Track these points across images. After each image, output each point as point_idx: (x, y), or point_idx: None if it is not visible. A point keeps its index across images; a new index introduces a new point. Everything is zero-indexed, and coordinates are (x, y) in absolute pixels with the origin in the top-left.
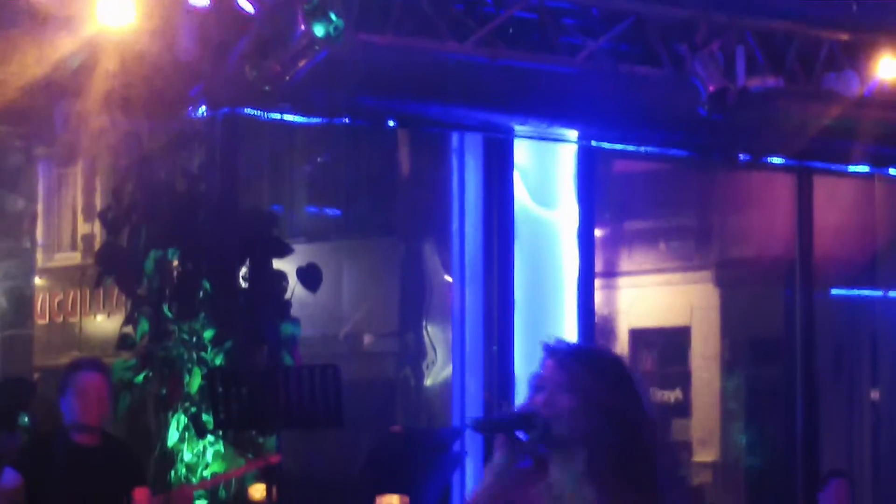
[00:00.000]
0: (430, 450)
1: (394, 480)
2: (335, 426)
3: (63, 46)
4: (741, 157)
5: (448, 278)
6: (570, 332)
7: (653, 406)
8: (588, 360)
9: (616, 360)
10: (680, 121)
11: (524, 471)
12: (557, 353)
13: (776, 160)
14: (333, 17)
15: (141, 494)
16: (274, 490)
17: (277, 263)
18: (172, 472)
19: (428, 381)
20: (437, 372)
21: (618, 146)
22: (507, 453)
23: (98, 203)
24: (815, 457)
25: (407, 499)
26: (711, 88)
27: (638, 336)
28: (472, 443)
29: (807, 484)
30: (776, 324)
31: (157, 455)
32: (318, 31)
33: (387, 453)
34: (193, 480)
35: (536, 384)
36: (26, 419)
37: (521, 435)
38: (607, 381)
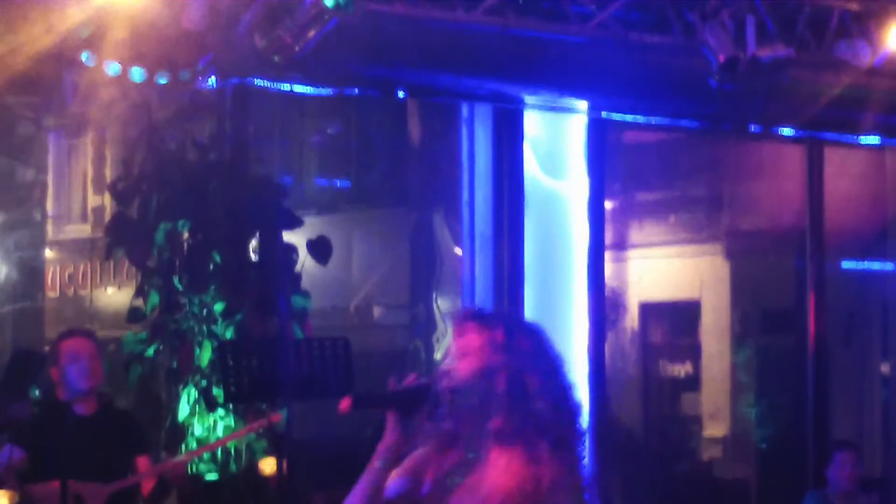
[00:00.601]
0: None
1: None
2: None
3: (72, 16)
4: (751, 127)
5: (458, 250)
6: (579, 304)
7: (567, 379)
8: (499, 326)
9: (531, 328)
10: (690, 90)
11: (433, 440)
12: (466, 318)
13: (787, 131)
14: None
15: (143, 463)
16: (284, 463)
17: (287, 235)
18: (183, 446)
19: (438, 354)
20: (447, 344)
21: (628, 117)
22: (399, 430)
23: (108, 174)
24: (826, 429)
25: None
26: (722, 58)
27: (648, 309)
28: None
29: (817, 456)
30: (787, 295)
31: (168, 428)
32: (328, 0)
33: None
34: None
35: (445, 353)
36: (37, 391)
37: (413, 408)
38: (518, 347)
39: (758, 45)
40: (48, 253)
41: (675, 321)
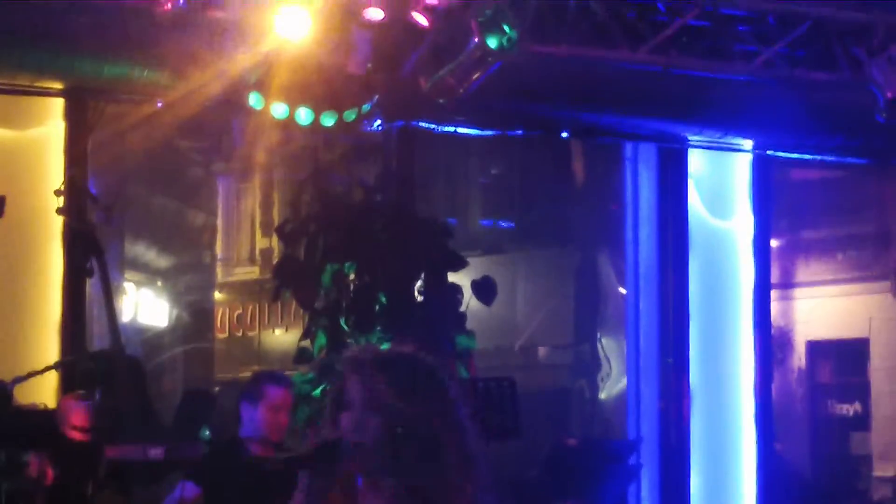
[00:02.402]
0: (605, 461)
1: (569, 491)
2: (512, 437)
3: (241, 61)
4: None
5: (622, 289)
6: (745, 342)
7: (470, 417)
8: (393, 372)
9: (428, 369)
10: (857, 127)
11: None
12: (361, 365)
13: None
14: (507, 28)
15: None
16: None
17: (452, 276)
18: None
19: (603, 394)
20: (612, 384)
21: (794, 154)
22: (313, 489)
23: (276, 217)
24: None
25: None
26: (889, 95)
27: (815, 347)
28: (648, 455)
29: None
30: None
31: None
32: (492, 42)
33: (562, 464)
34: None
35: (340, 402)
36: (207, 432)
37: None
38: (412, 395)
39: None
40: (217, 295)
41: (843, 359)
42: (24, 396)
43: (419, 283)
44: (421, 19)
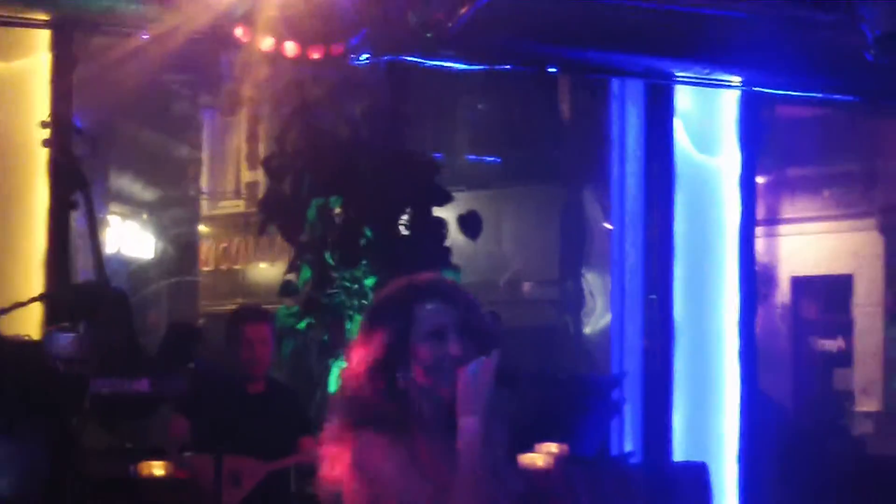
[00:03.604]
0: (589, 396)
1: (553, 427)
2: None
3: None
4: None
5: (608, 226)
6: (730, 279)
7: None
8: None
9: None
10: (845, 65)
11: None
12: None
13: None
14: None
15: (307, 443)
16: None
17: (438, 211)
18: None
19: (587, 329)
20: (597, 320)
21: (781, 92)
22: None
23: (262, 151)
24: None
25: (566, 446)
26: (878, 32)
27: (799, 284)
28: (631, 391)
29: None
30: None
31: (319, 400)
32: None
33: (546, 400)
34: None
35: None
36: (192, 365)
37: None
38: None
39: None
40: (202, 228)
41: (827, 296)
42: (8, 328)
43: (405, 217)
44: None
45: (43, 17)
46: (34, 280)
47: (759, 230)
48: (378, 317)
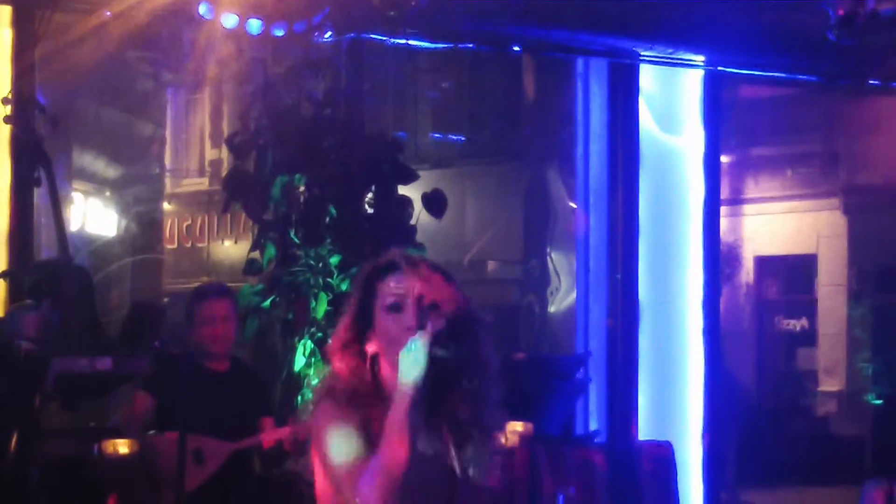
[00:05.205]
0: (553, 376)
1: (517, 407)
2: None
3: None
4: (870, 82)
5: (572, 205)
6: (694, 258)
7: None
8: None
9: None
10: (808, 45)
11: None
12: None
13: None
14: None
15: (268, 424)
16: None
17: (402, 190)
18: (299, 397)
19: (552, 308)
20: (561, 299)
21: (744, 71)
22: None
23: (225, 129)
24: None
25: (531, 425)
26: (840, 12)
27: (763, 263)
28: (595, 370)
29: None
30: None
31: (284, 379)
32: None
33: (510, 380)
34: None
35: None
36: (156, 343)
37: None
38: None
39: None
40: (166, 206)
41: (790, 276)
42: None
43: (369, 196)
44: None
45: None
46: None
47: (722, 210)
48: (350, 294)
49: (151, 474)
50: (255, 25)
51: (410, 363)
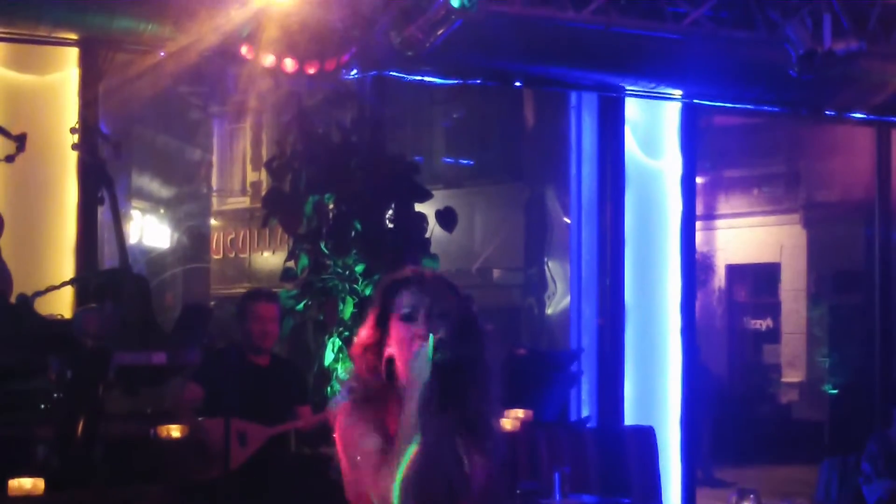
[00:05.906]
0: (550, 369)
1: (519, 396)
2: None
3: (234, 16)
4: (827, 112)
5: (567, 220)
6: (673, 266)
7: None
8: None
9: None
10: (772, 80)
11: None
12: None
13: (858, 115)
14: None
15: (304, 411)
16: None
17: (419, 207)
18: (329, 388)
19: (549, 310)
20: (557, 302)
21: (717, 103)
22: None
23: (264, 154)
24: (891, 377)
25: (531, 412)
26: (801, 52)
27: (733, 271)
28: (587, 364)
29: (883, 401)
30: (857, 259)
31: (316, 372)
32: (455, 2)
33: (513, 372)
34: None
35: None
36: (204, 340)
37: None
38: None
39: (833, 39)
40: (213, 221)
41: (757, 281)
42: (43, 308)
43: (389, 212)
44: None
45: (72, 36)
46: (66, 266)
47: (698, 224)
48: (370, 304)
49: (200, 454)
50: (290, 64)
51: (422, 366)
